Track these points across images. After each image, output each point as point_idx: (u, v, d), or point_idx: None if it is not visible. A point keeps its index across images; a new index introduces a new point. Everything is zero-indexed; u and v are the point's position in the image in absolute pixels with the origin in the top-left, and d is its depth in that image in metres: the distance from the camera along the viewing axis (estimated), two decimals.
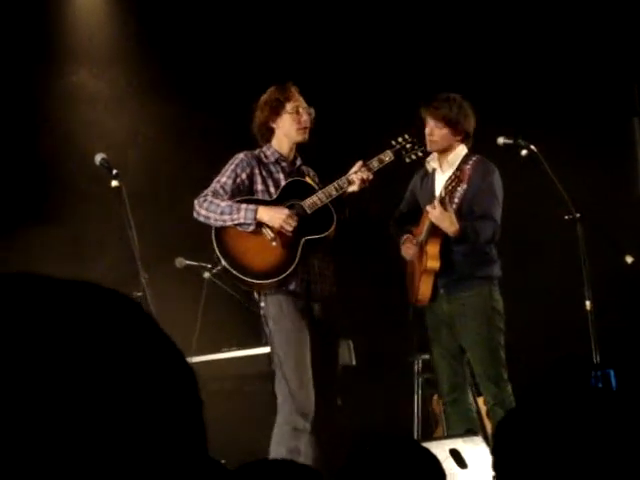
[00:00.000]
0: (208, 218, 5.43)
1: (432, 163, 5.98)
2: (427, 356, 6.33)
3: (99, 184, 5.91)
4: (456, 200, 5.64)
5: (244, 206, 5.43)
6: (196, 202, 5.46)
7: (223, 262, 5.42)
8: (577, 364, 5.65)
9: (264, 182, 5.58)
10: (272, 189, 5.58)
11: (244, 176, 5.55)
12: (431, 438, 6.33)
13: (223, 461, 4.94)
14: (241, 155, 5.61)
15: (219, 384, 6.53)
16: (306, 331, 5.44)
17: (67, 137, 7.46)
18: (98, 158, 5.48)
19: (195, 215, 5.47)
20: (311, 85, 5.78)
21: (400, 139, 5.78)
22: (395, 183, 6.35)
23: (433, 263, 5.78)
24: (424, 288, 5.85)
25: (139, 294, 5.29)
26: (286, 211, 5.46)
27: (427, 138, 5.88)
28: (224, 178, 5.52)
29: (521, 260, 7.59)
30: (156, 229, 6.93)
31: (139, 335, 0.96)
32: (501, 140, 5.96)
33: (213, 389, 6.37)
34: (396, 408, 7.14)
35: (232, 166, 5.56)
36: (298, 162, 5.72)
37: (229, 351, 6.78)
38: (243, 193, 5.55)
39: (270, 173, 5.61)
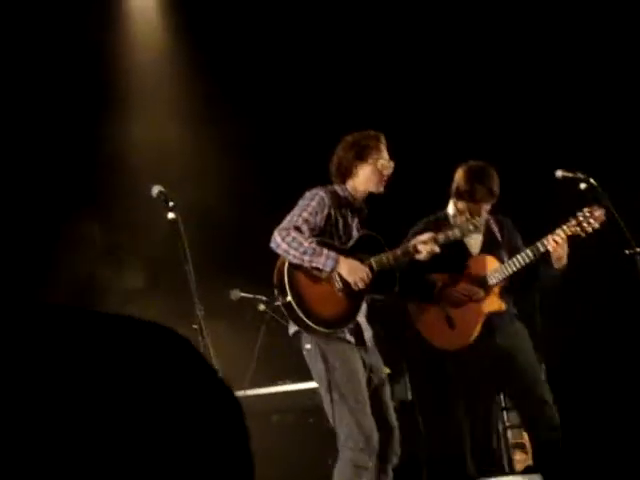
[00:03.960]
0: (287, 252, 5.33)
1: (452, 212, 6.20)
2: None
3: (155, 217, 5.90)
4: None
5: (325, 252, 5.37)
6: (277, 233, 5.35)
7: (289, 298, 5.34)
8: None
9: (336, 224, 5.51)
10: (341, 232, 5.52)
11: (323, 215, 5.46)
12: (489, 474, 6.26)
13: None
14: (322, 193, 5.50)
15: (277, 417, 6.51)
16: (362, 372, 5.45)
17: (125, 170, 7.50)
18: (155, 190, 5.47)
19: (274, 245, 5.35)
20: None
21: (464, 218, 5.89)
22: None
23: (502, 305, 6.07)
24: (478, 329, 6.03)
25: (195, 327, 5.28)
26: (364, 270, 5.42)
27: (481, 218, 6.01)
28: (306, 214, 5.42)
29: (578, 295, 7.50)
30: (210, 260, 6.93)
31: (186, 371, 0.97)
32: (560, 173, 5.94)
33: (271, 422, 6.35)
34: (452, 442, 7.06)
35: (314, 203, 5.45)
36: (364, 209, 5.65)
37: (285, 384, 6.75)
38: (318, 231, 5.47)
39: (343, 216, 5.54)
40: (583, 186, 5.89)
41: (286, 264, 5.39)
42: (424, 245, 5.54)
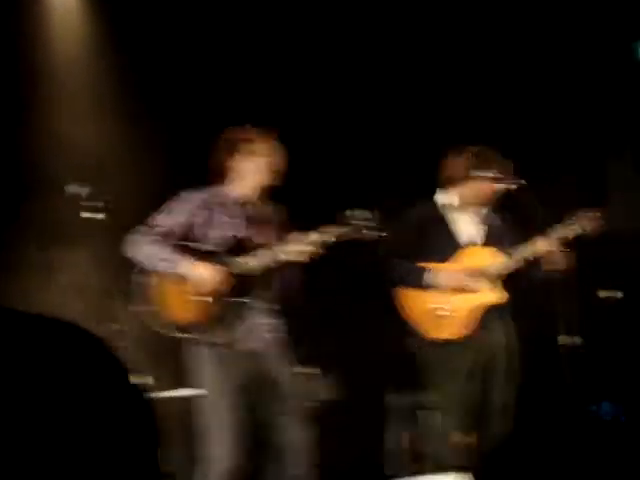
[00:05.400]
0: (135, 258, 5.23)
1: (444, 201, 6.18)
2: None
3: (76, 215, 5.82)
4: None
5: (175, 256, 5.20)
6: (128, 239, 5.25)
7: (143, 307, 5.23)
8: (571, 395, 5.74)
9: (213, 226, 5.33)
10: (220, 233, 5.32)
11: (191, 217, 5.32)
12: (404, 474, 6.32)
13: None
14: (188, 195, 5.38)
15: None
16: (230, 381, 5.23)
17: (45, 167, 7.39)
18: (75, 189, 5.41)
19: (125, 251, 5.24)
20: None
21: (357, 213, 5.33)
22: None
23: (503, 297, 6.08)
24: (476, 320, 6.01)
25: (118, 327, 5.24)
26: (214, 272, 5.21)
27: (493, 194, 6.08)
28: (163, 217, 5.30)
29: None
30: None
31: (96, 370, 0.98)
32: (490, 174, 6.04)
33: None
34: (372, 443, 7.12)
35: (175, 205, 5.34)
36: (260, 206, 5.48)
37: None
38: (186, 233, 5.30)
39: (222, 216, 5.38)
40: (512, 186, 5.99)
41: (139, 270, 5.27)
42: (302, 245, 5.25)
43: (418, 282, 6.02)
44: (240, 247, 5.32)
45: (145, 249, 5.21)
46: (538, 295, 6.12)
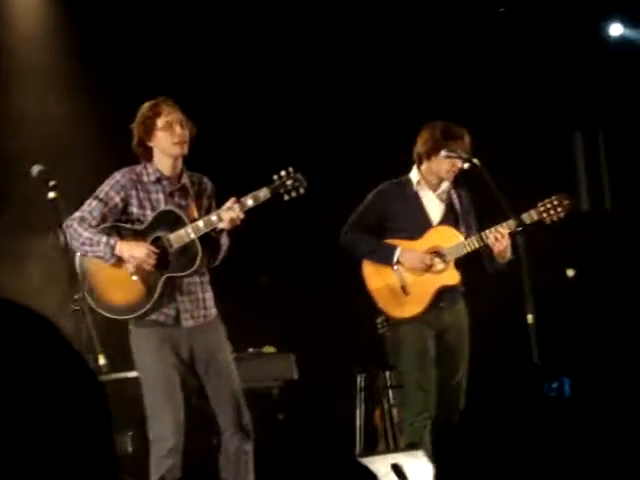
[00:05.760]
0: (72, 245, 5.29)
1: (415, 178, 6.15)
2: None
3: (37, 196, 5.76)
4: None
5: (104, 239, 5.27)
6: (63, 225, 5.25)
7: (85, 292, 5.28)
8: (529, 372, 5.73)
9: (140, 205, 5.38)
10: (149, 211, 5.39)
11: (118, 199, 5.36)
12: (373, 452, 6.32)
13: None
14: (118, 175, 5.41)
15: None
16: (171, 360, 5.31)
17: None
18: (35, 170, 5.37)
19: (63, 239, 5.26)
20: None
21: (282, 173, 5.38)
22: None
23: (458, 278, 6.07)
24: (430, 300, 6.01)
25: (76, 308, 5.22)
26: (144, 249, 5.27)
27: (455, 170, 6.04)
28: (95, 201, 5.35)
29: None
30: None
31: (45, 350, 0.96)
32: (443, 153, 6.00)
33: None
34: (338, 422, 7.12)
35: (106, 187, 5.37)
36: (183, 179, 5.47)
37: None
38: (116, 216, 5.37)
39: (148, 194, 5.40)
40: (466, 166, 5.98)
41: (77, 257, 5.37)
42: (227, 212, 5.26)
43: (386, 260, 6.01)
44: (173, 222, 5.36)
45: (79, 235, 5.28)
46: (493, 280, 6.18)
